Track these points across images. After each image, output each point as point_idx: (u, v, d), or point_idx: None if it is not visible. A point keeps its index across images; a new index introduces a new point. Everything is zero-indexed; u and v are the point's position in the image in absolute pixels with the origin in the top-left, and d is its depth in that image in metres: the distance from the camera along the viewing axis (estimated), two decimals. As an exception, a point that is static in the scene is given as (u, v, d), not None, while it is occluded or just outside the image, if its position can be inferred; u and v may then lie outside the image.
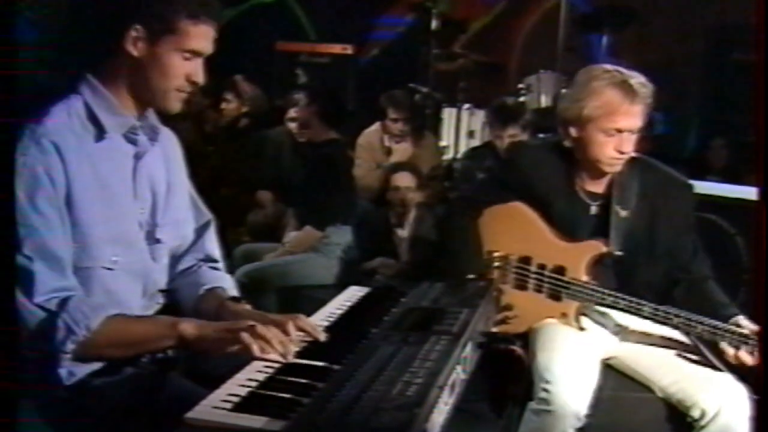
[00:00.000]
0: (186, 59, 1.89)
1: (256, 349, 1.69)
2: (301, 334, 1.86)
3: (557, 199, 2.75)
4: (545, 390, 2.45)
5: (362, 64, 7.68)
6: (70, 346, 1.75)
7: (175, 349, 1.86)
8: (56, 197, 1.79)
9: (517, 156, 2.99)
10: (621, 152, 2.61)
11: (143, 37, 1.86)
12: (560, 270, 2.71)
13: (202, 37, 1.90)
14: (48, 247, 1.77)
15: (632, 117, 2.58)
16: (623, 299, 2.61)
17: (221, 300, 2.09)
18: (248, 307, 2.10)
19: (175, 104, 1.94)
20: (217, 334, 1.77)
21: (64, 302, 1.75)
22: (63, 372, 1.77)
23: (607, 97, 2.58)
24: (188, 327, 1.79)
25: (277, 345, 1.71)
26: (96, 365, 1.83)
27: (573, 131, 2.67)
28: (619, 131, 2.58)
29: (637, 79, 2.60)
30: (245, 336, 1.71)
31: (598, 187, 2.74)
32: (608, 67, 2.67)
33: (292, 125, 4.95)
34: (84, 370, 1.81)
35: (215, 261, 2.23)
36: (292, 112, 5.02)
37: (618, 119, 2.57)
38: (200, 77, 1.93)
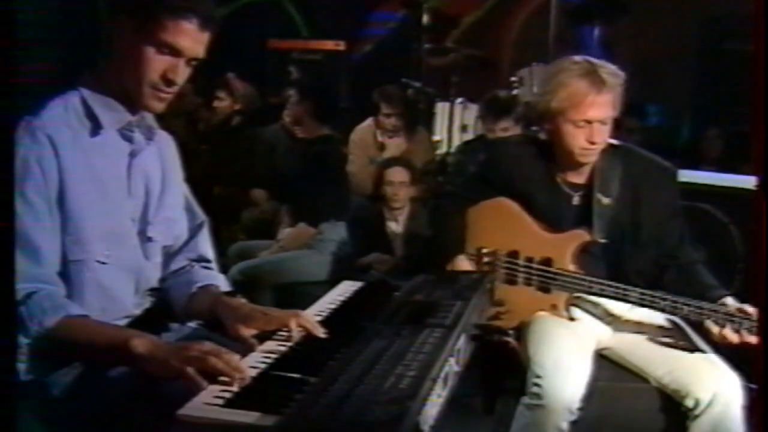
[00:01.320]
0: (162, 53, 1.88)
1: (204, 384, 1.55)
2: (301, 329, 1.86)
3: (539, 192, 2.75)
4: (537, 384, 2.46)
5: (355, 60, 7.68)
6: (22, 340, 1.73)
7: (125, 365, 1.77)
8: (46, 188, 1.80)
9: (496, 153, 3.00)
10: (592, 143, 2.61)
11: (126, 27, 1.87)
12: (547, 262, 2.72)
13: (183, 35, 1.87)
14: (28, 235, 1.77)
15: (600, 107, 2.58)
16: (610, 286, 2.61)
17: (215, 296, 2.08)
18: (244, 300, 2.09)
19: (153, 103, 1.93)
20: (169, 359, 1.63)
21: (29, 295, 1.74)
22: (21, 366, 1.75)
23: (573, 88, 2.58)
24: (140, 344, 1.68)
25: (229, 372, 1.56)
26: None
27: (545, 125, 2.69)
28: (588, 122, 2.59)
29: (606, 68, 2.60)
30: (190, 372, 1.58)
31: (580, 177, 2.75)
32: (577, 58, 2.66)
33: (288, 121, 4.94)
34: (45, 366, 1.80)
35: (208, 261, 2.23)
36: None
37: (586, 110, 2.57)
38: (178, 76, 1.91)
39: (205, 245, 2.24)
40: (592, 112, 2.57)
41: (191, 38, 1.89)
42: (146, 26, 1.86)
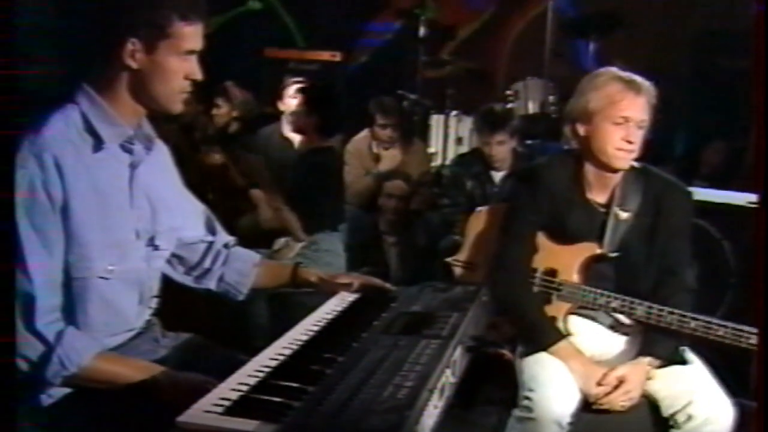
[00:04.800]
0: (183, 60, 1.92)
1: None
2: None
3: (574, 212, 2.75)
4: (528, 398, 2.49)
5: (351, 71, 7.69)
6: (58, 380, 1.79)
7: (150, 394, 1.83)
8: (53, 212, 1.81)
9: (534, 181, 2.84)
10: (629, 142, 2.62)
11: (140, 48, 1.88)
12: (552, 272, 2.74)
13: (195, 35, 1.93)
14: (48, 267, 1.80)
15: (637, 107, 2.62)
16: (616, 299, 2.63)
17: (291, 268, 2.42)
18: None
19: (177, 105, 1.97)
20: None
21: (60, 334, 1.78)
22: (43, 397, 1.83)
23: (610, 88, 2.63)
24: (163, 376, 1.81)
25: None
26: None
27: (581, 129, 2.69)
28: (626, 120, 2.61)
29: (638, 77, 2.66)
30: None
31: (604, 195, 2.74)
32: (610, 68, 2.73)
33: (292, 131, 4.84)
34: (61, 392, 1.85)
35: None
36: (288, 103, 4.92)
37: (623, 107, 2.61)
38: (198, 74, 1.96)
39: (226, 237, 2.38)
40: (629, 110, 2.61)
41: (200, 36, 1.95)
42: (162, 40, 1.88)
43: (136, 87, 1.92)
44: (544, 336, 2.63)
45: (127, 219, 1.98)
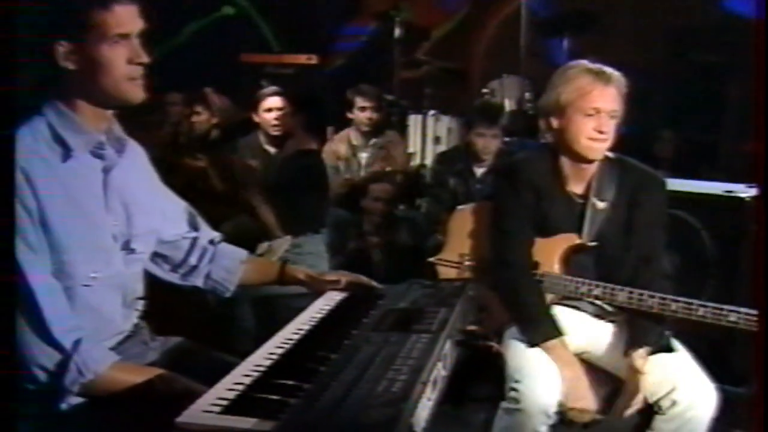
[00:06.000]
0: (117, 45, 1.85)
1: None
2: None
3: (555, 204, 2.78)
4: (514, 389, 2.52)
5: (327, 74, 7.71)
6: (77, 387, 1.80)
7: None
8: (34, 225, 1.79)
9: (518, 173, 2.86)
10: (600, 132, 2.66)
11: (70, 48, 1.83)
12: (534, 265, 2.76)
13: (122, 18, 1.85)
14: (47, 277, 1.80)
15: (607, 98, 2.66)
16: (598, 286, 2.67)
17: (279, 265, 2.44)
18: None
19: (135, 92, 1.91)
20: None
21: (77, 343, 1.79)
22: (63, 405, 1.82)
23: (581, 80, 2.67)
24: (178, 383, 1.83)
25: None
26: None
27: (554, 122, 2.74)
28: (597, 111, 2.65)
29: (609, 68, 2.70)
30: None
31: (581, 187, 2.78)
32: (581, 61, 2.77)
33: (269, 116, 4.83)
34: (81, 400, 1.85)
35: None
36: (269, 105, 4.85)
37: (594, 99, 2.65)
38: (142, 56, 1.89)
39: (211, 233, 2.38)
40: (600, 101, 2.65)
41: (130, 18, 1.87)
42: (86, 32, 1.82)
43: (84, 88, 1.88)
44: (541, 330, 2.65)
45: (105, 224, 1.97)
